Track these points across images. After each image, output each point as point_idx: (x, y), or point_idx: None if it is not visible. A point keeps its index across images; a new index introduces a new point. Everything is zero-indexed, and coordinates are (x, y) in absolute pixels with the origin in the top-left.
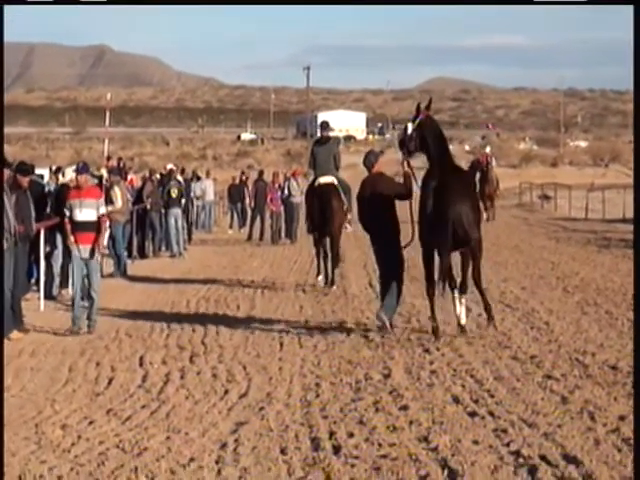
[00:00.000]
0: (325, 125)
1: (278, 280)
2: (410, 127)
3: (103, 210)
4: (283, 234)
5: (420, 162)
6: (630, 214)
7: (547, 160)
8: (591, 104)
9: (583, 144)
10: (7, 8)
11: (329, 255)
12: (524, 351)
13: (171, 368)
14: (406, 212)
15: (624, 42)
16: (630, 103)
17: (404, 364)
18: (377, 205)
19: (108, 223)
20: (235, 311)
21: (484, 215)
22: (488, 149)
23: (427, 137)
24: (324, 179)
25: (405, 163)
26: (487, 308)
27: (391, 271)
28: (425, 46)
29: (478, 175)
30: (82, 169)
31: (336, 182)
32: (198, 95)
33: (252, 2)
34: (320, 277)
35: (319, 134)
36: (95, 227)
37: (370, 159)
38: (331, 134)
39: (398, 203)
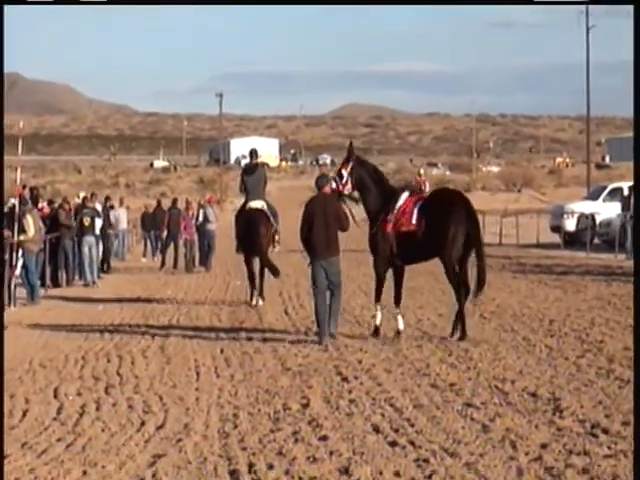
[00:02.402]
0: (254, 153)
1: (193, 309)
2: (345, 174)
3: None
4: (197, 262)
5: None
6: (543, 239)
7: (460, 185)
8: (502, 129)
9: (495, 169)
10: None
11: (257, 275)
12: (443, 379)
13: (86, 400)
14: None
15: (534, 68)
16: (542, 128)
17: (322, 393)
18: (326, 224)
19: (21, 252)
20: (150, 340)
21: None
22: (422, 171)
23: (364, 176)
24: (254, 204)
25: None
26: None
27: (333, 290)
28: (337, 72)
29: None
30: None
31: (265, 207)
32: (110, 123)
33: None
34: (255, 301)
35: (249, 161)
36: None
37: (323, 180)
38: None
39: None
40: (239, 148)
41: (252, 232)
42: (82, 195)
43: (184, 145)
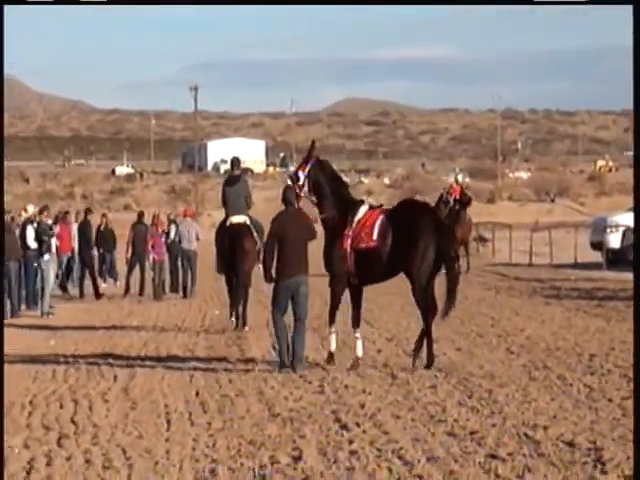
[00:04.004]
0: (236, 163)
1: (163, 344)
2: (301, 175)
3: None
4: (167, 288)
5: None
6: (583, 258)
7: (483, 195)
8: (533, 128)
9: (525, 175)
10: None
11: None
12: (462, 425)
13: (35, 453)
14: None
15: (571, 54)
16: (581, 125)
17: (317, 444)
18: (297, 241)
19: None
20: (111, 381)
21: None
22: (460, 178)
23: (321, 181)
24: (236, 218)
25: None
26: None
27: (301, 313)
28: (335, 60)
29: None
30: None
31: (248, 221)
32: (64, 122)
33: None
34: (233, 319)
35: (230, 171)
36: None
37: (291, 194)
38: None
39: None
40: (218, 151)
41: (234, 248)
42: (31, 209)
43: (152, 148)
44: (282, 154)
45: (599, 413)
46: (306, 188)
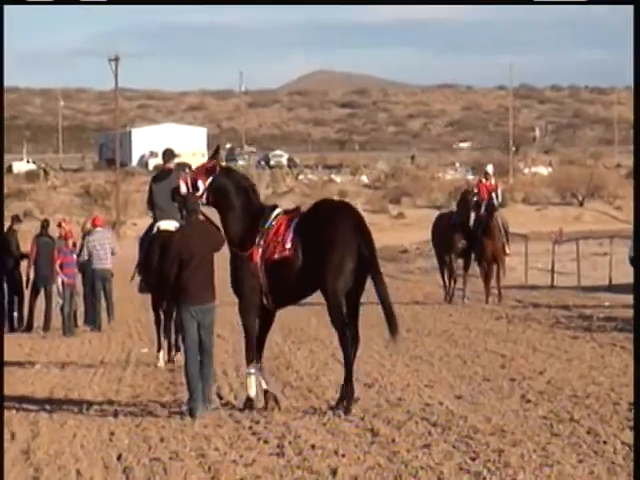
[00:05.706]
0: (168, 154)
1: (74, 391)
2: (201, 185)
3: None
4: (81, 319)
5: None
6: (621, 278)
7: None
8: (555, 109)
9: (545, 171)
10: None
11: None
12: None
13: None
14: None
15: (603, 12)
16: (616, 106)
17: None
18: (202, 261)
19: None
20: (8, 441)
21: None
22: (490, 169)
23: (226, 187)
24: (166, 224)
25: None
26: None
27: (206, 345)
28: (299, 23)
29: (471, 218)
30: None
31: None
32: None
33: None
34: (161, 354)
35: (161, 165)
36: None
37: (193, 204)
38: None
39: None
40: (145, 142)
41: (164, 261)
42: None
43: (60, 138)
44: (229, 145)
45: None
46: (204, 199)
